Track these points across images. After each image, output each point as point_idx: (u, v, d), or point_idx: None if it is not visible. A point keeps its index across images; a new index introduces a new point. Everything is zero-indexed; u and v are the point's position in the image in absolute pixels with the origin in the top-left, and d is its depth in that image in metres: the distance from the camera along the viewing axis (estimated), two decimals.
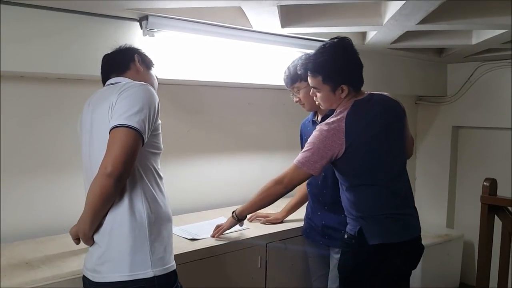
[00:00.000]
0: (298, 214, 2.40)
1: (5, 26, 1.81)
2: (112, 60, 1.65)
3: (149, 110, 1.39)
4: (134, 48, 1.70)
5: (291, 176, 1.85)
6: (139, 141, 1.35)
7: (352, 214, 1.83)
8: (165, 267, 1.42)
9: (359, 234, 1.78)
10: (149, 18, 2.07)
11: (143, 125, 1.35)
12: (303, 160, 1.80)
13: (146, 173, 1.44)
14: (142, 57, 1.68)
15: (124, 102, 1.38)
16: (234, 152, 2.98)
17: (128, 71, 1.61)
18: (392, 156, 1.85)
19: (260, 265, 2.19)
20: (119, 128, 1.33)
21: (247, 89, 2.95)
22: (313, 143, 1.79)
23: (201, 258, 1.95)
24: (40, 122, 2.15)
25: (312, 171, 1.79)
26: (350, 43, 1.83)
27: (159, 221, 1.45)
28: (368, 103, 1.83)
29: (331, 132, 1.76)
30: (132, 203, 1.39)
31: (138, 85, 1.45)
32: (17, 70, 1.91)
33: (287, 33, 2.47)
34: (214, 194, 2.84)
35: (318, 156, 1.77)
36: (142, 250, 1.38)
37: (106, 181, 1.29)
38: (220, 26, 2.26)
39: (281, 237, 2.27)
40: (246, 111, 2.99)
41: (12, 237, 2.04)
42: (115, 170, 1.28)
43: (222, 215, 2.52)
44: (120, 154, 1.29)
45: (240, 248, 2.11)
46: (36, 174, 2.15)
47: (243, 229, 2.24)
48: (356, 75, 1.84)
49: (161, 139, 1.53)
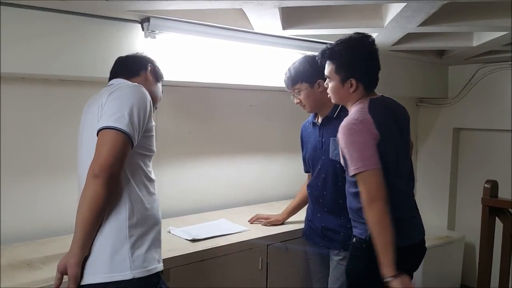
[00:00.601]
0: (299, 216, 2.41)
1: (7, 28, 1.82)
2: (124, 63, 1.66)
3: (139, 112, 1.37)
4: (149, 58, 1.71)
5: (370, 187, 1.61)
6: (128, 144, 1.33)
7: (362, 218, 1.72)
8: (146, 269, 1.38)
9: (371, 238, 1.67)
10: (150, 20, 2.07)
11: (132, 127, 1.33)
12: (362, 163, 1.61)
13: (134, 174, 1.42)
14: (154, 68, 1.69)
15: (114, 102, 1.37)
16: (235, 154, 2.98)
17: (137, 77, 1.61)
18: (404, 157, 1.82)
19: (261, 267, 2.19)
20: (107, 130, 1.32)
21: (248, 91, 2.95)
22: (353, 142, 1.64)
23: (202, 260, 1.95)
24: (41, 124, 2.15)
25: (377, 164, 1.62)
26: (372, 41, 1.79)
27: (143, 223, 1.42)
28: (384, 103, 1.81)
29: (361, 124, 1.66)
30: (113, 204, 1.37)
31: (130, 85, 1.44)
32: (19, 71, 1.91)
33: (288, 35, 2.47)
34: (215, 196, 2.85)
35: (369, 148, 1.63)
36: (122, 252, 1.36)
37: (94, 184, 1.27)
38: (222, 28, 2.27)
39: (282, 238, 2.27)
40: (247, 113, 3.00)
41: (13, 239, 2.04)
42: (103, 173, 1.26)
43: (223, 216, 2.52)
44: (107, 158, 1.28)
45: (241, 249, 2.10)
46: (37, 175, 2.16)
47: (244, 231, 2.24)
48: (370, 74, 1.79)
49: (153, 141, 1.51)
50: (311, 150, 2.18)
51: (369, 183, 1.61)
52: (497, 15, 2.25)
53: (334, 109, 2.08)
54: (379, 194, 1.59)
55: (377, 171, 1.61)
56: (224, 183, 2.90)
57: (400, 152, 1.78)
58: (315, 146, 2.14)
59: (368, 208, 1.61)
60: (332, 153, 2.04)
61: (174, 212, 2.58)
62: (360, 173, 1.62)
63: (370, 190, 1.60)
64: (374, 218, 1.60)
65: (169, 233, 2.17)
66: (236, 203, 2.91)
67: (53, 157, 2.19)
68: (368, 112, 1.69)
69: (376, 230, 1.60)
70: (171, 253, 1.87)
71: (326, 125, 2.10)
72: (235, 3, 1.92)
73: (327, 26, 2.32)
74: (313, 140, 2.16)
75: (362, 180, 1.63)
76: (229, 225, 2.34)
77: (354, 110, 1.75)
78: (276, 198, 3.11)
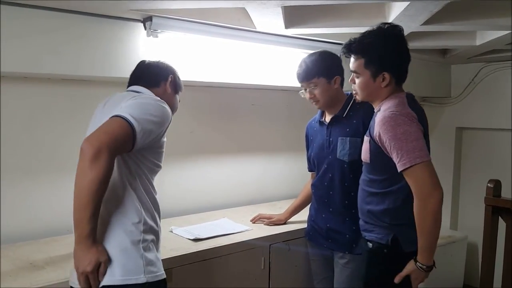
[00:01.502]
0: (302, 215, 2.40)
1: (8, 27, 1.82)
2: (147, 70, 1.66)
3: (158, 123, 1.38)
4: (172, 68, 1.72)
5: (427, 179, 1.52)
6: (128, 137, 1.29)
7: (383, 221, 1.67)
8: (156, 274, 1.41)
9: (393, 242, 1.65)
10: (153, 19, 2.07)
11: (142, 127, 1.32)
12: (418, 153, 1.51)
13: (144, 184, 1.44)
14: (175, 79, 1.70)
15: (135, 103, 1.38)
16: (238, 153, 2.98)
17: (157, 88, 1.62)
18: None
19: (264, 266, 2.19)
20: (114, 117, 1.31)
21: (250, 90, 2.95)
22: (404, 133, 1.53)
23: (204, 259, 1.95)
24: (43, 123, 2.15)
25: (429, 156, 1.54)
26: (401, 32, 1.69)
27: (153, 230, 1.45)
28: (414, 99, 1.72)
29: (408, 116, 1.57)
30: (126, 208, 1.38)
31: (157, 99, 1.46)
32: (21, 70, 1.91)
33: (291, 34, 2.46)
34: (217, 195, 2.84)
35: (421, 138, 1.54)
36: (136, 256, 1.37)
37: (81, 161, 1.23)
38: (224, 27, 2.27)
39: (284, 238, 2.27)
40: (250, 112, 2.99)
41: (16, 238, 2.04)
42: (89, 146, 1.22)
43: (225, 216, 2.52)
44: (100, 134, 1.25)
45: (244, 249, 2.10)
46: (39, 175, 2.16)
47: (246, 230, 2.24)
48: (402, 66, 1.70)
49: (163, 157, 1.52)
50: (317, 149, 2.15)
51: (427, 173, 1.51)
52: (500, 14, 2.24)
53: (343, 108, 2.05)
54: (439, 184, 1.51)
55: (431, 163, 1.53)
56: (226, 182, 2.90)
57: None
58: (322, 145, 2.12)
59: (428, 200, 1.51)
60: (340, 153, 2.00)
61: (176, 211, 2.58)
62: (415, 165, 1.50)
63: (429, 181, 1.50)
64: (433, 209, 1.51)
65: (171, 233, 2.17)
66: (238, 203, 2.90)
67: (55, 156, 2.19)
68: (408, 106, 1.61)
69: (432, 222, 1.52)
70: (173, 253, 1.87)
71: (334, 124, 2.07)
72: (238, 2, 1.91)
73: (330, 25, 2.31)
74: (320, 139, 2.14)
75: (418, 171, 1.51)
76: (231, 225, 2.34)
77: (392, 103, 1.63)
78: (278, 197, 3.11)
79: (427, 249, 1.57)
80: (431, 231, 1.54)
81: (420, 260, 1.58)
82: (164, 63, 1.71)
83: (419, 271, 1.58)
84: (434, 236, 1.55)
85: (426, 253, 1.57)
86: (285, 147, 3.18)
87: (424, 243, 1.56)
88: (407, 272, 1.61)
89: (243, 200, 2.95)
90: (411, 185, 1.55)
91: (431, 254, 1.57)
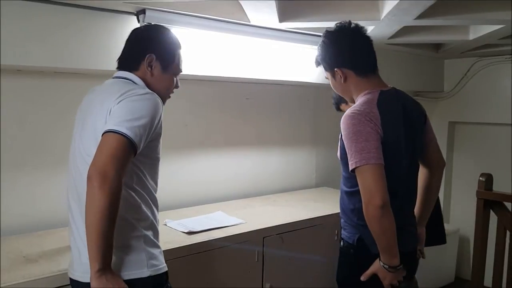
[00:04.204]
0: (293, 208, 2.41)
1: (2, 20, 1.80)
2: (126, 48, 1.54)
3: (150, 121, 1.34)
4: (153, 40, 1.51)
5: (368, 183, 1.47)
6: (129, 150, 1.27)
7: (352, 220, 1.64)
8: (158, 267, 1.41)
9: (359, 243, 1.63)
10: (146, 11, 2.06)
11: (138, 134, 1.29)
12: (365, 155, 1.47)
13: (141, 182, 1.42)
14: (159, 54, 1.50)
15: (123, 108, 1.32)
16: (232, 147, 2.98)
17: (136, 72, 1.49)
18: (410, 160, 1.65)
19: (257, 259, 2.20)
20: (110, 134, 1.27)
21: (244, 84, 2.95)
22: (357, 132, 1.50)
23: (198, 252, 1.96)
24: (36, 116, 2.14)
25: (381, 160, 1.48)
26: (344, 25, 1.67)
27: (154, 226, 1.46)
28: (394, 96, 1.65)
29: (367, 116, 1.51)
30: (129, 203, 1.37)
31: (141, 95, 1.37)
32: (14, 64, 1.90)
33: (285, 27, 2.46)
34: (211, 189, 2.85)
35: (374, 140, 1.49)
36: (138, 250, 1.37)
37: (90, 189, 1.22)
38: (218, 20, 2.26)
39: (278, 231, 2.28)
40: (244, 106, 2.99)
41: (10, 231, 2.04)
42: (97, 176, 1.21)
43: (219, 209, 2.53)
44: (103, 161, 1.22)
45: (237, 242, 2.11)
46: (33, 168, 2.15)
47: (240, 223, 2.25)
48: (353, 56, 1.65)
49: (159, 149, 1.48)
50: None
51: (370, 177, 1.46)
52: (493, 9, 2.26)
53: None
54: (380, 190, 1.45)
55: (380, 167, 1.47)
56: (221, 175, 2.91)
57: (403, 155, 1.61)
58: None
59: (367, 205, 1.48)
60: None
61: (171, 204, 2.58)
62: (361, 166, 1.47)
63: (370, 185, 1.46)
64: (373, 214, 1.47)
65: (166, 226, 2.17)
66: (233, 196, 2.91)
67: (50, 150, 2.18)
68: (376, 106, 1.55)
69: (376, 227, 1.49)
70: (168, 246, 1.87)
71: None
72: None
73: (324, 19, 2.31)
74: None
75: (363, 174, 1.48)
76: (226, 218, 2.35)
77: (361, 100, 1.61)
78: (273, 191, 3.12)
79: (384, 250, 1.53)
80: (378, 234, 1.51)
81: (382, 260, 1.54)
82: (148, 33, 1.54)
83: (384, 270, 1.54)
84: (385, 240, 1.51)
85: (385, 254, 1.53)
86: (280, 140, 3.19)
87: (379, 244, 1.53)
88: (372, 271, 1.58)
89: (237, 193, 2.96)
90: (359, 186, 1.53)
91: (390, 255, 1.52)
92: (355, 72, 1.66)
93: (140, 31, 1.57)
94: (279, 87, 3.10)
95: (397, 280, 1.56)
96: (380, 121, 1.52)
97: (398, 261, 1.53)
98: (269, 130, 3.14)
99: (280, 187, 3.17)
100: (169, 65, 1.53)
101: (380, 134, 1.51)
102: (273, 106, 3.14)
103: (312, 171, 3.40)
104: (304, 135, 3.34)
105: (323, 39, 1.71)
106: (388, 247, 1.52)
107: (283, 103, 3.17)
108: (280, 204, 2.77)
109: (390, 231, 1.49)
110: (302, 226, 2.39)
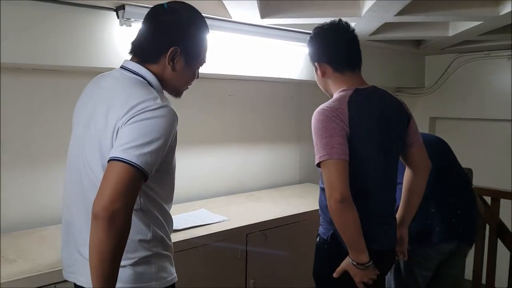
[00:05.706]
0: (278, 205, 2.41)
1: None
2: (146, 34, 1.33)
3: (164, 142, 1.20)
4: (180, 29, 1.31)
5: (329, 178, 1.48)
6: (139, 180, 1.15)
7: (327, 216, 1.62)
8: (167, 280, 1.34)
9: (332, 239, 1.62)
10: (125, 7, 2.04)
11: (149, 162, 1.15)
12: (328, 150, 1.48)
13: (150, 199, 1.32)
14: (185, 48, 1.32)
15: (133, 131, 1.17)
16: (215, 144, 2.97)
17: (154, 65, 1.32)
18: (384, 159, 1.63)
19: (240, 256, 2.20)
20: (117, 163, 1.12)
21: (227, 80, 2.94)
22: (322, 128, 1.52)
23: (181, 250, 1.95)
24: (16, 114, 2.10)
25: (344, 156, 1.49)
26: (334, 22, 1.69)
27: (164, 240, 1.37)
28: (371, 94, 1.66)
29: (335, 113, 1.53)
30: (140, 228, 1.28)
31: (159, 114, 1.21)
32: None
33: (267, 24, 2.46)
34: (195, 186, 2.83)
35: (338, 136, 1.50)
36: (146, 262, 1.30)
37: (95, 226, 1.11)
38: None
39: (261, 227, 2.28)
40: (228, 103, 2.98)
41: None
42: (103, 212, 1.09)
43: (202, 207, 2.52)
44: (112, 198, 1.10)
45: (220, 239, 2.11)
46: (10, 167, 2.10)
47: (223, 221, 2.25)
48: (332, 52, 1.67)
49: (174, 162, 1.40)
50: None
51: (332, 172, 1.47)
52: (472, 5, 2.29)
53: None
54: (340, 186, 1.45)
55: (343, 163, 1.48)
56: (204, 173, 2.89)
57: (378, 153, 1.60)
58: None
59: (328, 200, 1.48)
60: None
61: None
62: (324, 161, 1.49)
63: (330, 180, 1.47)
64: (334, 209, 1.48)
65: None
66: (216, 193, 2.90)
67: (27, 149, 2.14)
68: (346, 103, 1.56)
69: (338, 223, 1.51)
70: None
71: None
72: None
73: (305, 15, 2.32)
74: None
75: (325, 169, 1.49)
76: (209, 215, 2.34)
77: (335, 97, 1.63)
78: (257, 188, 3.12)
79: (349, 245, 1.54)
80: (341, 229, 1.52)
81: (350, 256, 1.54)
82: (177, 17, 1.32)
83: (353, 267, 1.54)
84: (348, 234, 1.51)
85: (351, 249, 1.53)
86: (263, 137, 3.18)
87: (344, 239, 1.54)
88: (343, 267, 1.58)
89: (221, 190, 2.95)
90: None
91: (357, 251, 1.52)
92: (332, 67, 1.67)
93: (168, 13, 1.34)
94: (262, 84, 3.09)
95: (368, 278, 1.56)
96: (348, 118, 1.53)
97: (366, 258, 1.53)
98: (252, 127, 3.14)
99: (264, 183, 3.18)
100: (195, 60, 1.38)
101: (346, 131, 1.52)
102: (256, 103, 3.13)
103: (296, 168, 3.41)
104: (287, 132, 3.34)
105: (311, 34, 1.74)
106: (353, 242, 1.53)
107: (266, 100, 3.17)
108: (264, 201, 2.77)
109: (352, 226, 1.50)
110: (285, 222, 2.40)
